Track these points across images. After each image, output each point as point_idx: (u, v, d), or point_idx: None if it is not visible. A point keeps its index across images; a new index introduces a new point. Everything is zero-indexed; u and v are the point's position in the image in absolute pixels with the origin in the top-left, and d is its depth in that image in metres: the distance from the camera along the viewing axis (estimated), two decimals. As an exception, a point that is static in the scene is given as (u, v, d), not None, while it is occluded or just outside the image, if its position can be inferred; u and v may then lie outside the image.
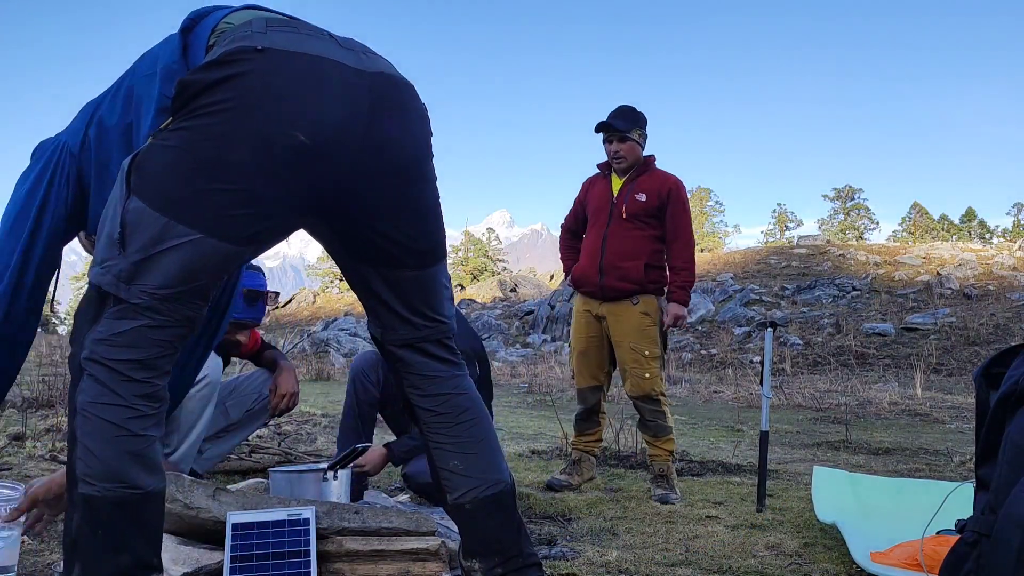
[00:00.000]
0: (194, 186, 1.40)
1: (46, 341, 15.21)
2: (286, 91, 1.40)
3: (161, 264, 1.42)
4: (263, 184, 1.42)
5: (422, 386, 1.76)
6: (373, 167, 1.51)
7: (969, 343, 15.46)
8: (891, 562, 2.34)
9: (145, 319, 1.44)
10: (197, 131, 1.41)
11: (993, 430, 1.81)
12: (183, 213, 1.40)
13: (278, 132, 1.39)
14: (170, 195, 1.41)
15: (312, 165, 1.44)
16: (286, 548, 1.96)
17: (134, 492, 1.44)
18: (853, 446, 5.59)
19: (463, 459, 1.73)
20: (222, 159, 1.40)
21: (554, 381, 11.32)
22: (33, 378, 6.02)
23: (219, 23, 1.57)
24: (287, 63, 1.41)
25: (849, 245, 32.04)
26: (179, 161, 1.41)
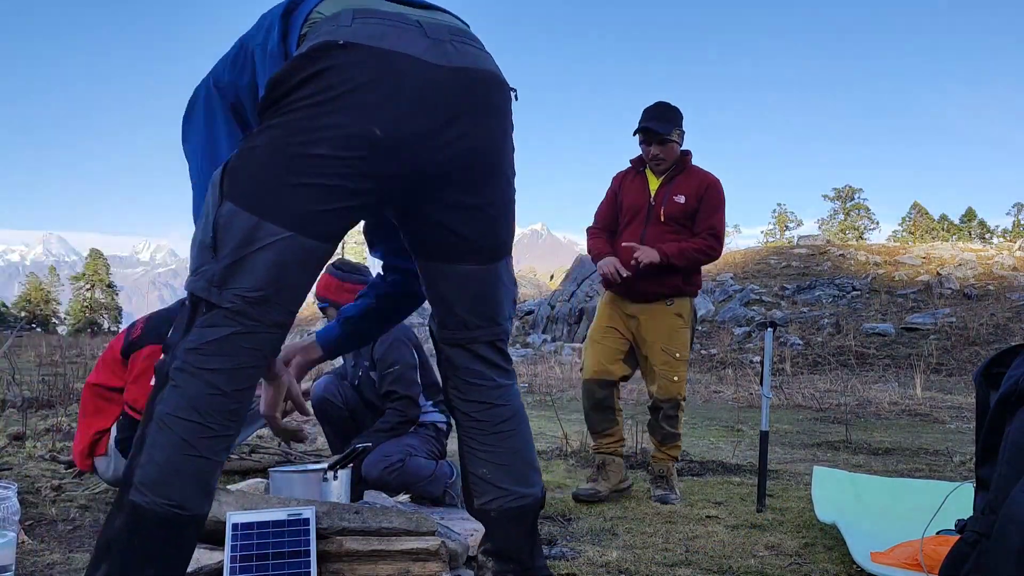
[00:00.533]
0: (281, 182, 1.42)
1: (46, 341, 15.22)
2: (365, 86, 1.41)
3: (252, 265, 1.43)
4: (342, 177, 1.43)
5: (465, 390, 1.76)
6: (446, 163, 1.51)
7: (969, 343, 15.47)
8: (891, 562, 2.34)
9: (236, 325, 1.44)
10: (282, 127, 1.43)
11: (993, 430, 1.82)
12: (272, 211, 1.42)
13: (356, 126, 1.41)
14: (259, 193, 1.43)
15: (387, 160, 1.45)
16: (286, 548, 1.96)
17: (181, 513, 1.43)
18: (853, 446, 5.59)
19: (493, 468, 1.74)
20: (306, 153, 1.41)
21: (554, 381, 11.32)
22: (33, 378, 6.02)
23: (312, 11, 1.54)
24: (367, 59, 1.42)
25: (849, 245, 32.04)
26: (267, 159, 1.43)
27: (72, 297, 61.96)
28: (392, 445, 3.03)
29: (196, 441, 1.43)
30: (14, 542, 2.01)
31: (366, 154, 1.43)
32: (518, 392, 1.82)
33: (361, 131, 1.42)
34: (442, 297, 1.71)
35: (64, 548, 2.48)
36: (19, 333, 17.21)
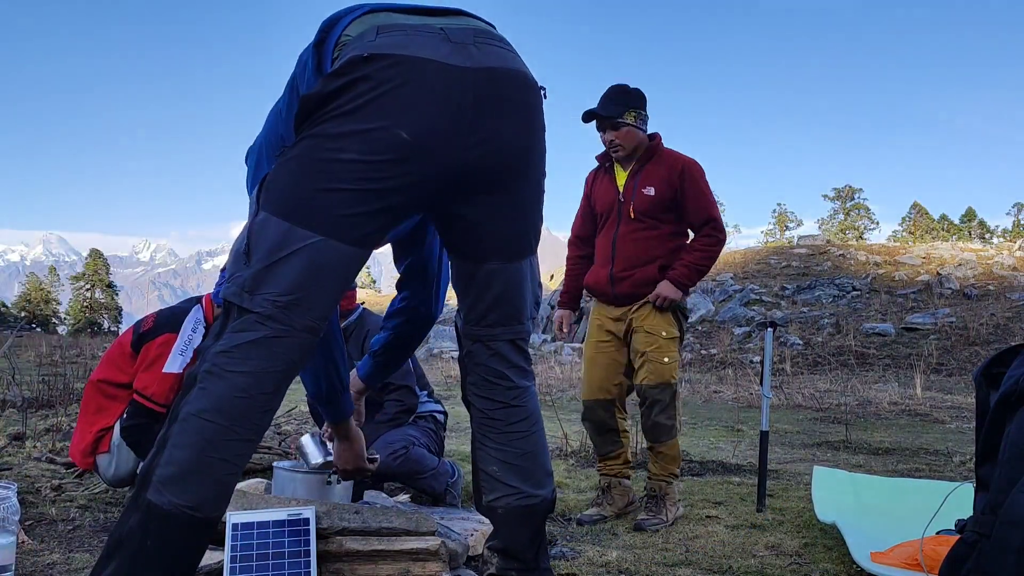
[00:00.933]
0: (311, 188, 1.46)
1: (46, 341, 15.21)
2: (390, 92, 1.45)
3: (283, 270, 1.46)
4: (371, 181, 1.46)
5: (482, 387, 1.78)
6: (474, 163, 1.53)
7: (969, 343, 15.46)
8: (891, 562, 2.34)
9: (267, 329, 1.47)
10: (314, 138, 1.48)
11: (993, 430, 1.81)
12: (303, 216, 1.46)
13: (383, 130, 1.44)
14: (291, 200, 1.47)
15: (415, 161, 1.48)
16: (286, 548, 1.96)
17: (196, 516, 1.43)
18: (853, 446, 5.59)
19: (503, 467, 1.76)
20: (335, 159, 1.45)
21: (554, 381, 11.31)
22: (33, 378, 6.02)
23: (341, 35, 1.59)
24: (391, 66, 1.46)
25: (849, 245, 32.04)
26: (298, 167, 1.48)
27: (72, 297, 61.95)
28: (395, 434, 3.04)
29: (219, 443, 1.44)
30: (14, 542, 2.01)
31: (394, 157, 1.46)
32: (536, 395, 1.83)
33: (388, 135, 1.45)
34: (468, 293, 1.74)
35: (64, 548, 2.48)
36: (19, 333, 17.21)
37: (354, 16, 1.60)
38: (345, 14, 1.63)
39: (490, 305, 1.73)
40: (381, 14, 1.58)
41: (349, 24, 1.59)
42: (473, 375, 1.79)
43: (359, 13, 1.60)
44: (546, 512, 1.80)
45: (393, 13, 1.58)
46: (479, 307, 1.74)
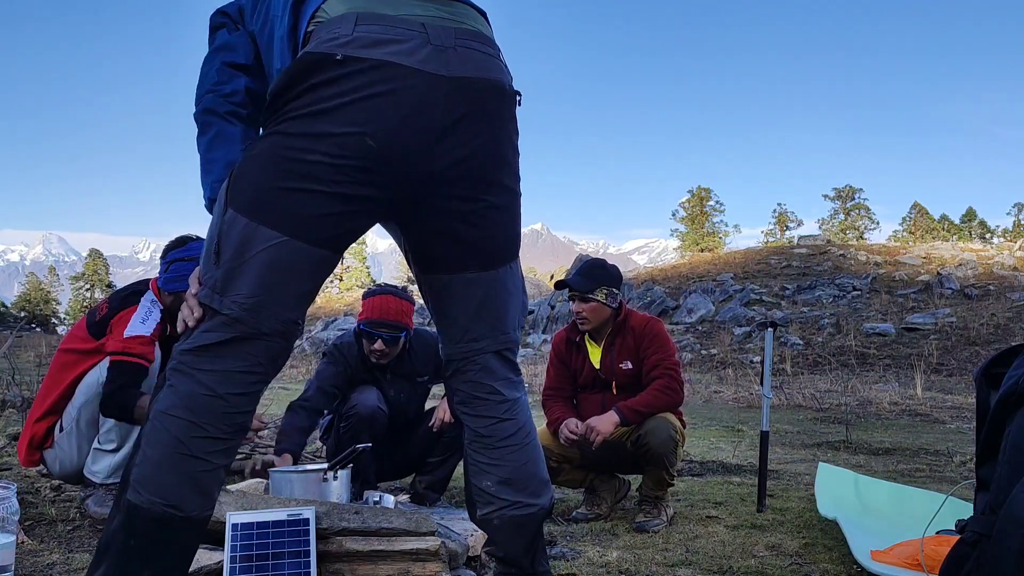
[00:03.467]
0: (277, 187, 1.44)
1: (46, 341, 15.22)
2: (360, 99, 1.42)
3: (250, 271, 1.45)
4: (337, 184, 1.44)
5: (472, 405, 1.74)
6: (444, 172, 1.51)
7: (969, 343, 15.46)
8: (891, 561, 2.34)
9: (233, 331, 1.46)
10: (280, 135, 1.46)
11: (993, 430, 1.81)
12: (268, 215, 1.44)
13: (351, 136, 1.42)
14: (256, 198, 1.45)
15: (383, 169, 1.46)
16: (286, 548, 1.96)
17: (176, 514, 1.43)
18: (853, 446, 5.59)
19: (496, 482, 1.72)
20: (301, 159, 1.43)
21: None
22: (33, 378, 6.02)
23: (319, 9, 1.52)
24: (364, 71, 1.42)
25: (849, 245, 32.02)
26: (264, 166, 1.46)
27: (72, 297, 61.96)
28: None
29: (188, 440, 1.44)
30: (14, 542, 2.01)
31: (360, 164, 1.44)
32: (527, 404, 1.80)
33: (355, 140, 1.43)
34: (445, 312, 1.70)
35: (64, 548, 2.48)
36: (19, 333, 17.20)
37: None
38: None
39: (471, 317, 1.68)
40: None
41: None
42: (461, 395, 1.74)
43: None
44: (543, 519, 1.78)
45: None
46: (460, 322, 1.68)
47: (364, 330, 3.14)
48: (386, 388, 3.22)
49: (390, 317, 3.11)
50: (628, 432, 3.12)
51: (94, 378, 2.81)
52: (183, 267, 2.92)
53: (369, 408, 3.07)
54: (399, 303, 3.16)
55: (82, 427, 2.83)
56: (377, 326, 3.10)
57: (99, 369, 2.82)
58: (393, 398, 3.21)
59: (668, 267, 32.37)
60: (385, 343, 3.12)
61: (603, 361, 3.28)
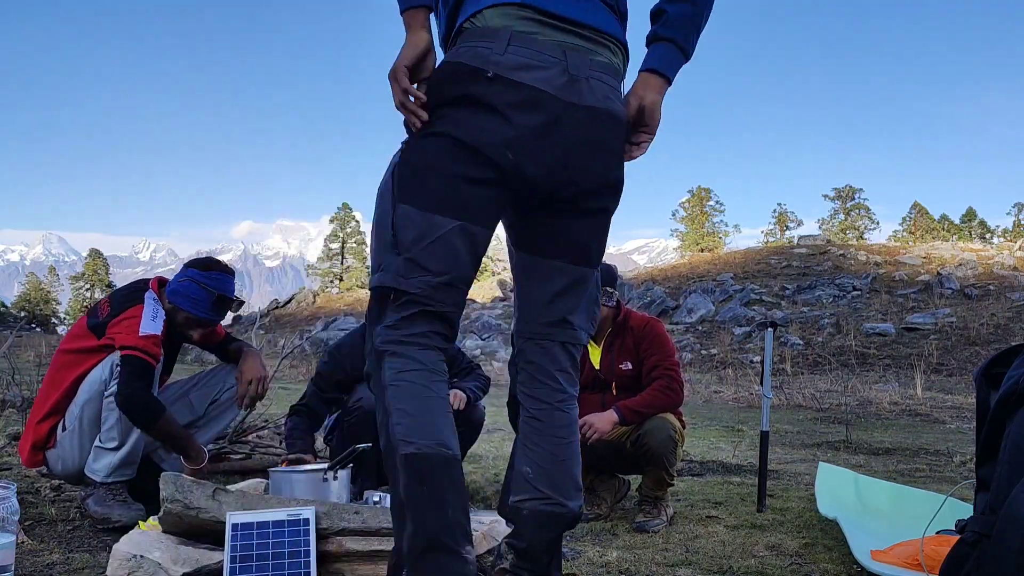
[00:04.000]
0: (440, 184, 1.65)
1: (46, 341, 15.22)
2: (506, 117, 1.63)
3: (431, 255, 1.65)
4: (486, 186, 1.67)
5: (531, 385, 1.84)
6: (563, 190, 1.72)
7: (969, 343, 15.46)
8: (891, 561, 2.34)
9: (424, 307, 1.66)
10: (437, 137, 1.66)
11: (993, 430, 1.81)
12: (441, 206, 1.64)
13: (496, 148, 1.64)
14: (427, 193, 1.65)
15: (517, 178, 1.68)
16: (286, 548, 1.96)
17: (447, 452, 1.60)
18: (853, 446, 5.59)
19: (536, 470, 1.78)
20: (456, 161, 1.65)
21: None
22: (33, 378, 6.02)
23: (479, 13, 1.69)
24: (511, 93, 1.63)
25: (849, 245, 32.02)
26: (431, 163, 1.66)
27: (72, 297, 61.96)
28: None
29: (429, 383, 1.65)
30: (14, 542, 2.01)
31: (496, 175, 1.66)
32: (577, 410, 1.87)
33: (499, 154, 1.64)
34: (528, 290, 1.85)
35: (64, 548, 2.48)
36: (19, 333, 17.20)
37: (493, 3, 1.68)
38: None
39: (549, 301, 1.82)
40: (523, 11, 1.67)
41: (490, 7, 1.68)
42: (523, 373, 1.85)
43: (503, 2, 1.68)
44: (569, 524, 1.82)
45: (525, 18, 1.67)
46: (538, 303, 1.83)
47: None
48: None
49: None
50: (627, 432, 3.12)
51: (97, 376, 2.81)
52: (197, 291, 2.94)
53: (374, 404, 3.07)
54: None
55: (85, 426, 2.82)
56: None
57: (102, 367, 2.81)
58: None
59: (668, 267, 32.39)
60: None
61: (603, 362, 3.28)
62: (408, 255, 1.65)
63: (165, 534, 2.11)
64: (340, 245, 56.39)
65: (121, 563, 1.98)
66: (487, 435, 5.02)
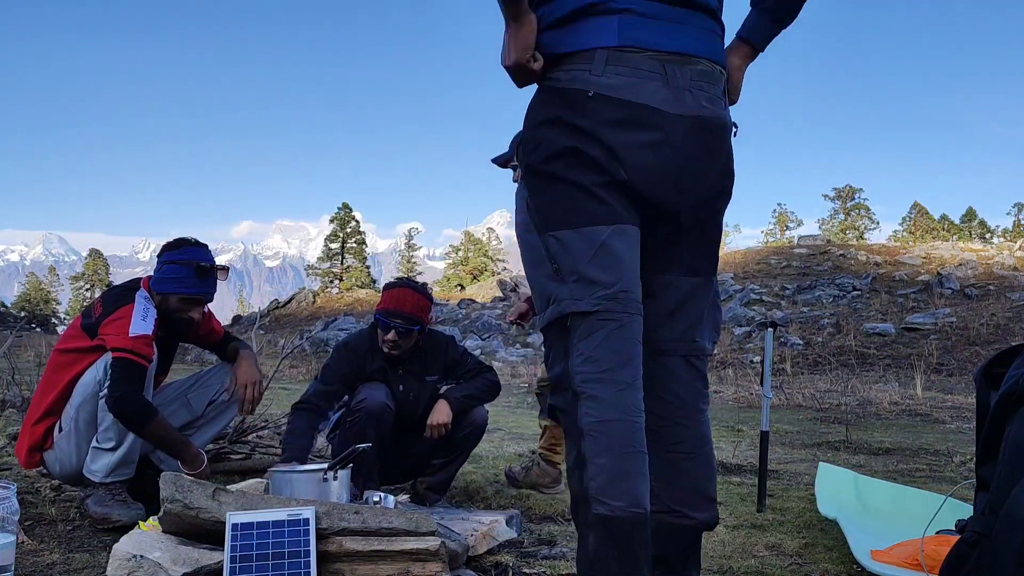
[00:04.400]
0: (572, 202, 1.66)
1: (46, 341, 15.22)
2: (613, 134, 1.64)
3: (598, 266, 1.63)
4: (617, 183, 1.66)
5: (649, 399, 1.74)
6: (676, 201, 1.71)
7: (969, 343, 15.46)
8: (891, 561, 2.34)
9: (609, 322, 1.62)
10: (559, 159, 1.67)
11: (993, 430, 1.81)
12: (588, 218, 1.65)
13: (608, 165, 1.65)
14: (572, 212, 1.66)
15: (632, 192, 1.68)
16: (286, 548, 1.96)
17: (638, 512, 1.54)
18: (853, 446, 5.59)
19: (659, 484, 1.73)
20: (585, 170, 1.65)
21: (554, 381, 11.30)
22: (33, 378, 6.02)
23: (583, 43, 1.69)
24: (615, 111, 1.64)
25: (849, 245, 32.02)
26: (557, 188, 1.68)
27: (72, 297, 61.96)
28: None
29: (628, 437, 1.58)
30: (14, 542, 2.01)
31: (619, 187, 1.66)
32: (707, 418, 1.83)
33: (612, 170, 1.64)
34: (659, 309, 1.80)
35: (64, 548, 2.48)
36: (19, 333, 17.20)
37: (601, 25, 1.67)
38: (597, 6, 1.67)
39: (664, 317, 1.79)
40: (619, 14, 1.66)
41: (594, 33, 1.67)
42: (652, 388, 1.77)
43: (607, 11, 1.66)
44: (698, 535, 1.80)
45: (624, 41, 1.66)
46: (652, 319, 1.77)
47: (379, 319, 3.17)
48: (396, 384, 3.22)
49: (406, 309, 3.14)
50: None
51: (91, 377, 2.80)
52: (174, 269, 2.91)
53: (378, 404, 3.07)
54: (417, 297, 3.19)
55: (81, 427, 2.81)
56: (392, 316, 3.13)
57: (96, 368, 2.80)
58: (402, 395, 3.21)
59: (668, 267, 32.27)
60: (398, 334, 3.14)
61: None
62: (575, 277, 1.64)
63: (165, 534, 2.11)
64: (340, 245, 56.35)
65: (121, 563, 1.98)
66: (487, 435, 5.01)
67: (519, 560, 2.49)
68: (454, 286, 51.68)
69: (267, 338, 23.75)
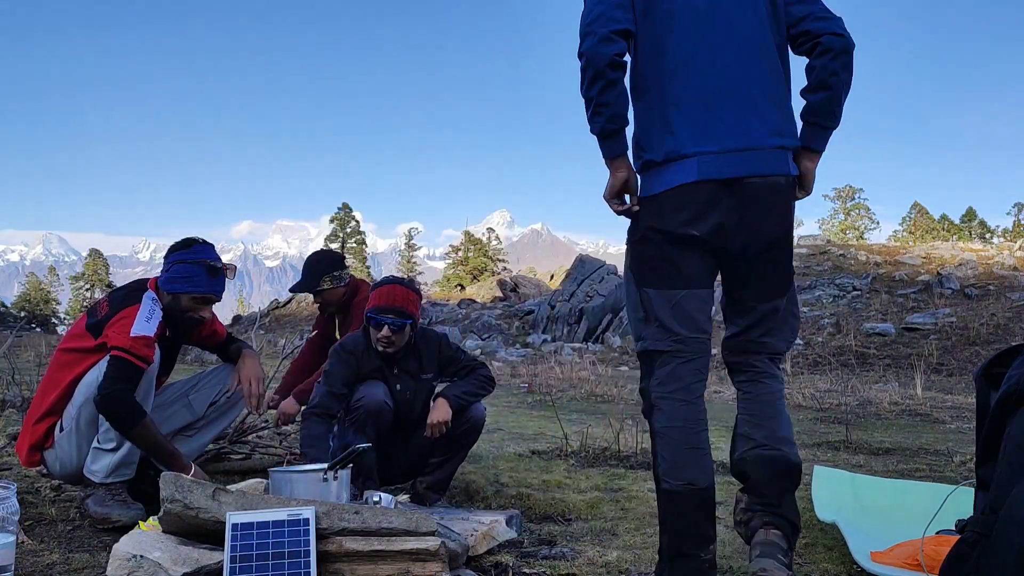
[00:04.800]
0: (660, 267, 2.17)
1: (46, 341, 15.22)
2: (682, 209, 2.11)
3: (674, 318, 2.15)
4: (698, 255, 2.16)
5: (742, 378, 2.32)
6: (742, 249, 2.16)
7: (969, 343, 15.46)
8: (891, 562, 2.34)
9: (679, 358, 2.17)
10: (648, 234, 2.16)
11: (993, 430, 1.81)
12: (669, 283, 2.16)
13: (683, 231, 2.12)
14: (656, 276, 2.18)
15: (704, 246, 2.15)
16: (286, 548, 1.96)
17: (692, 487, 2.09)
18: (853, 446, 5.59)
19: (752, 427, 2.25)
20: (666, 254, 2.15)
21: (554, 381, 11.31)
22: (33, 378, 6.02)
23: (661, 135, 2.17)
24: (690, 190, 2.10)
25: (849, 245, 32.02)
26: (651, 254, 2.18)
27: (72, 297, 61.96)
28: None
29: (686, 438, 2.13)
30: (14, 542, 2.01)
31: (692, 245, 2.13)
32: (783, 393, 2.33)
33: (686, 233, 2.11)
34: (733, 320, 2.31)
35: (64, 548, 2.48)
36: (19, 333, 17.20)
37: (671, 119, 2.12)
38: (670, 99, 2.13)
39: (748, 327, 2.28)
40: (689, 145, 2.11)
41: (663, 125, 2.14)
42: (740, 373, 2.32)
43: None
44: (790, 469, 2.21)
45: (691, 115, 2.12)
46: (740, 328, 2.29)
47: (371, 317, 3.17)
48: (392, 383, 3.23)
49: (396, 304, 3.16)
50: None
51: (93, 377, 2.79)
52: (185, 269, 2.90)
53: (376, 402, 3.08)
54: (405, 292, 3.21)
55: (82, 427, 2.81)
56: (383, 313, 3.14)
57: (99, 368, 2.79)
58: (399, 393, 3.22)
59: (668, 267, 32.27)
60: (391, 330, 3.15)
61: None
62: (657, 323, 2.17)
63: (165, 534, 2.11)
64: (340, 245, 56.36)
65: (121, 563, 1.98)
66: (487, 435, 5.02)
67: (519, 560, 2.49)
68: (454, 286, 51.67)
69: (267, 338, 23.75)
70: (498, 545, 2.52)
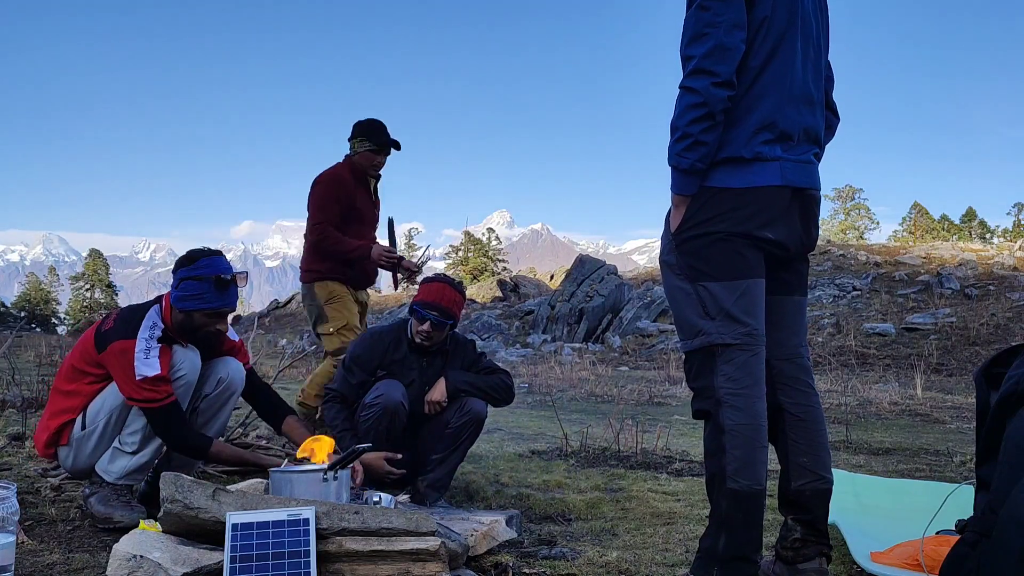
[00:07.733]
0: (724, 258, 2.16)
1: (46, 341, 15.22)
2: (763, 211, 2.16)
3: (737, 311, 2.14)
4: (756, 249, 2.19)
5: (792, 395, 2.31)
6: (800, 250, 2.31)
7: (969, 343, 15.45)
8: (891, 562, 2.34)
9: (747, 352, 2.15)
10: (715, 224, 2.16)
11: (993, 430, 1.82)
12: (734, 273, 2.15)
13: (760, 233, 2.17)
14: (719, 268, 2.16)
15: (775, 247, 2.22)
16: (286, 548, 1.96)
17: (758, 488, 2.12)
18: (853, 446, 5.59)
19: (812, 458, 2.27)
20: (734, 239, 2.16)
21: (554, 381, 11.31)
22: (33, 378, 6.02)
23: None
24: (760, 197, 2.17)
25: (849, 245, 32.00)
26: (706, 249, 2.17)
27: (72, 297, 61.93)
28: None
29: (759, 437, 2.14)
30: (14, 542, 2.01)
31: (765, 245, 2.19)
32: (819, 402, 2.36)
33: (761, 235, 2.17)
34: (779, 324, 2.31)
35: (64, 548, 2.48)
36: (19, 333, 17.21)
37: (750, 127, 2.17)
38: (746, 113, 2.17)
39: (794, 330, 2.34)
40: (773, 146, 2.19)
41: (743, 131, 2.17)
42: (783, 387, 2.31)
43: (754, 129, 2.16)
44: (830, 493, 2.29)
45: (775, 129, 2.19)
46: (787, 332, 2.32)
47: (416, 310, 3.27)
48: (415, 373, 3.29)
49: (444, 303, 3.27)
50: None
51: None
52: (193, 286, 2.88)
53: (394, 402, 3.14)
54: (454, 294, 3.32)
55: (109, 430, 2.82)
56: (430, 308, 3.24)
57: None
58: (418, 387, 3.28)
59: (668, 267, 32.24)
60: (433, 326, 3.24)
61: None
62: (723, 316, 2.14)
63: (165, 534, 2.11)
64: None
65: (121, 563, 1.98)
66: (487, 435, 5.02)
67: (519, 560, 2.49)
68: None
69: (267, 338, 23.75)
70: (498, 545, 2.52)
